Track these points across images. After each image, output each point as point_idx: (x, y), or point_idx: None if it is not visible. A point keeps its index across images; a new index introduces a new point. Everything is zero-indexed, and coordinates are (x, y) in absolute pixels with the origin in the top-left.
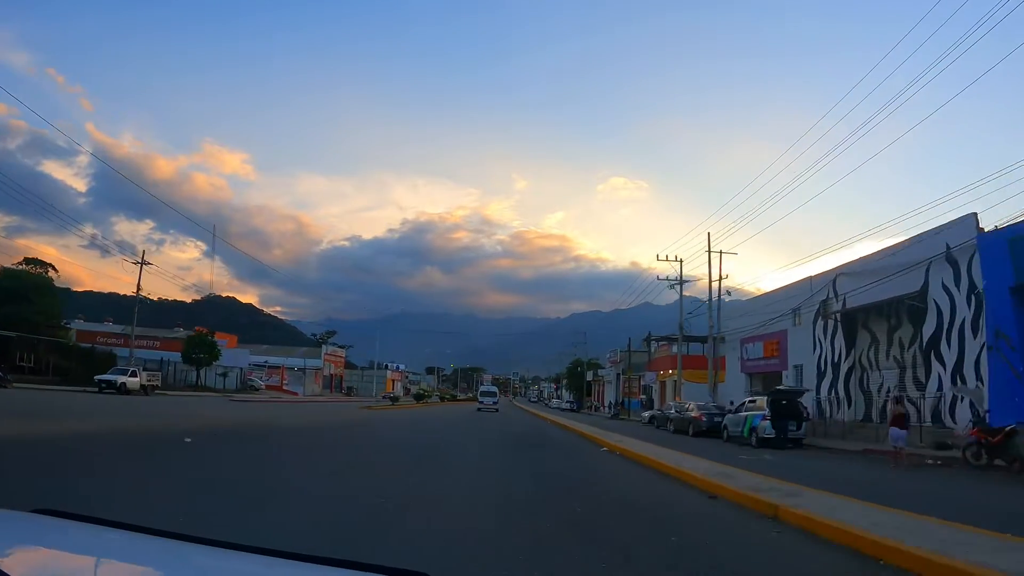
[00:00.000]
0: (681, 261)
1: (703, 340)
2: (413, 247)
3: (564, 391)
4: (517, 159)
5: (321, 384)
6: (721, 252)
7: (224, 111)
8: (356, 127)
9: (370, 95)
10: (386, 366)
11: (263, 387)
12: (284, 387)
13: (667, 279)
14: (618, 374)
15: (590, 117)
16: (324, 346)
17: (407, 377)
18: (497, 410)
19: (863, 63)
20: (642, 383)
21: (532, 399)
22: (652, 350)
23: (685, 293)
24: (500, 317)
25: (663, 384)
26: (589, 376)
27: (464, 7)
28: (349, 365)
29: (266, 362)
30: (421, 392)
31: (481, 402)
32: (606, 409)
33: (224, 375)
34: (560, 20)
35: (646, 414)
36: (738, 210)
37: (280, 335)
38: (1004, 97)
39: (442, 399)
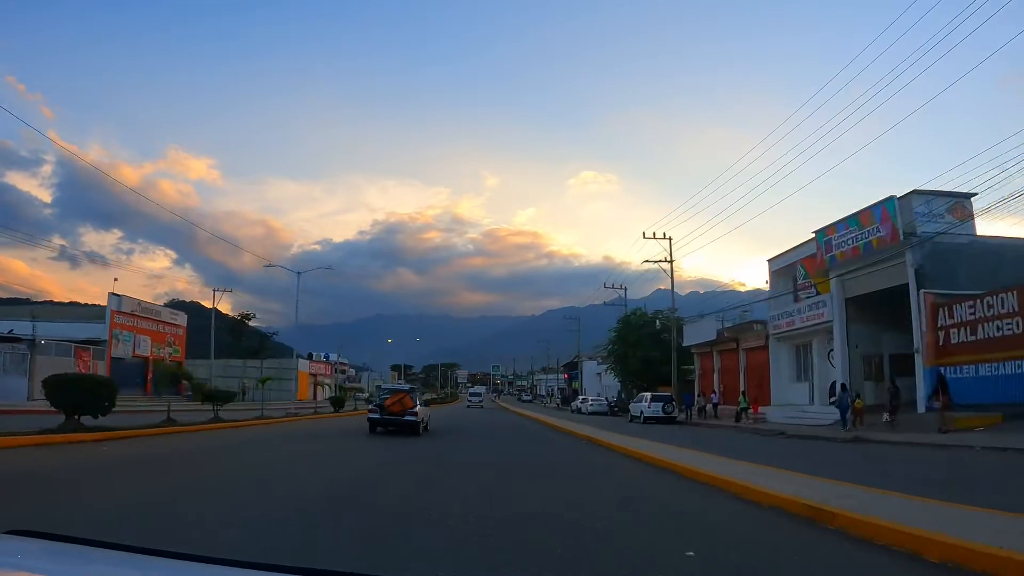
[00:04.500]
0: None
1: None
2: (385, 248)
3: (610, 379)
4: (486, 156)
5: (103, 371)
6: None
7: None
8: (323, 130)
9: (336, 97)
10: (309, 355)
11: None
12: None
13: None
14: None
15: (558, 111)
16: (115, 298)
17: (343, 373)
18: (483, 406)
19: (835, 47)
20: None
21: (525, 398)
22: None
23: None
24: (475, 316)
25: None
26: (697, 338)
27: (429, 5)
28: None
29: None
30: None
31: (469, 400)
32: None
33: None
34: (525, 15)
35: None
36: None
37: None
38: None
39: (340, 405)
